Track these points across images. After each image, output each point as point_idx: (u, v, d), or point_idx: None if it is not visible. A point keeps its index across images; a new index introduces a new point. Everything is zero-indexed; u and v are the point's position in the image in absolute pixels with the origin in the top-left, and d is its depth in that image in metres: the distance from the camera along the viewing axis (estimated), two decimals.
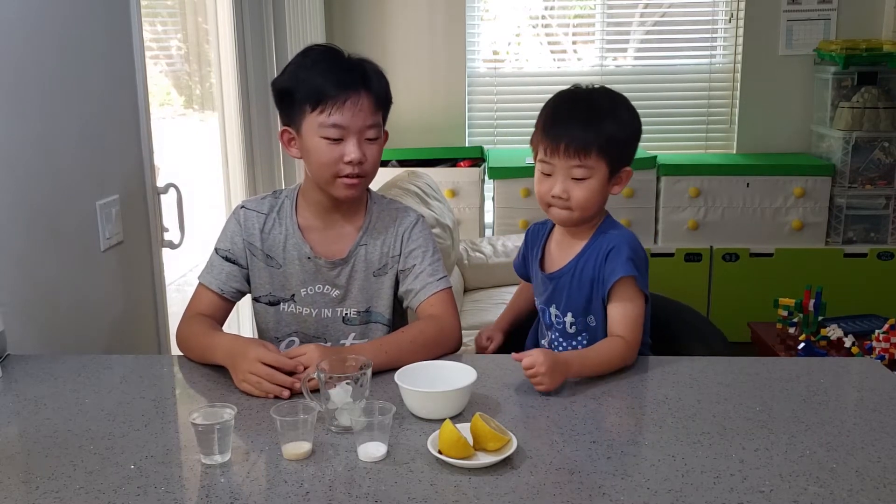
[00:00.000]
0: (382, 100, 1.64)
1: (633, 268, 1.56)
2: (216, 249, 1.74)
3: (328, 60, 1.62)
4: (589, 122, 1.54)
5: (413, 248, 1.71)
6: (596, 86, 1.63)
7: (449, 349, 1.63)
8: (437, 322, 1.64)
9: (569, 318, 1.64)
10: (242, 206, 1.75)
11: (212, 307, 1.71)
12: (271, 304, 1.74)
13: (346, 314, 1.72)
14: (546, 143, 1.57)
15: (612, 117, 1.56)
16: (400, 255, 1.72)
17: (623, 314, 1.56)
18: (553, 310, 1.68)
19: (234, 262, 1.72)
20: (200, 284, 1.73)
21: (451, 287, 1.72)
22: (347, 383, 1.30)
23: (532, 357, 1.39)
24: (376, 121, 1.63)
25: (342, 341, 1.72)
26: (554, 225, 1.71)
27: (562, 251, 1.68)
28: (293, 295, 1.72)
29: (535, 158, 1.63)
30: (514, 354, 1.44)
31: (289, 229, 1.71)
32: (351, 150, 1.59)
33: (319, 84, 1.59)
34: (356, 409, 1.23)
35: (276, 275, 1.72)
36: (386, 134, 1.71)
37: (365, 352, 1.50)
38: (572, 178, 1.56)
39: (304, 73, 1.61)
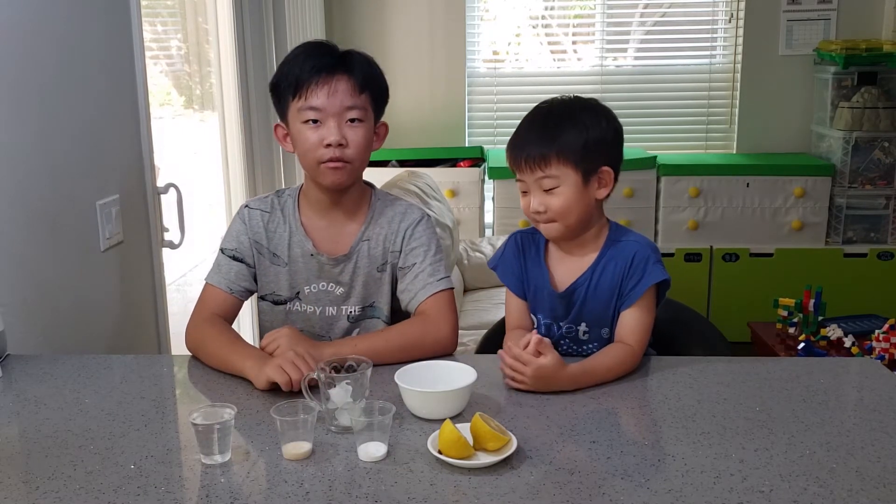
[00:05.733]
0: (367, 83, 1.64)
1: (664, 270, 1.55)
2: (222, 250, 1.72)
3: (310, 50, 1.65)
4: (543, 131, 1.54)
5: (415, 247, 1.69)
6: (572, 96, 1.61)
7: (436, 352, 1.59)
8: (422, 323, 1.62)
9: (582, 328, 1.61)
10: (247, 206, 1.75)
11: (222, 308, 1.69)
12: (276, 303, 1.73)
13: (350, 312, 1.71)
14: (511, 160, 1.58)
15: (571, 123, 1.53)
16: (400, 251, 1.70)
17: (638, 322, 1.55)
18: (563, 323, 1.63)
19: (241, 261, 1.71)
20: (208, 285, 1.71)
21: (452, 288, 1.69)
22: (347, 383, 1.30)
23: (534, 367, 1.40)
24: (357, 103, 1.62)
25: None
26: (547, 240, 1.65)
27: (568, 265, 1.62)
28: (298, 293, 1.72)
29: None
30: (526, 340, 1.43)
31: (292, 227, 1.71)
32: (330, 133, 1.60)
33: (298, 72, 1.61)
34: (356, 409, 1.23)
35: (282, 273, 1.71)
36: (385, 126, 1.71)
37: (336, 346, 1.51)
38: (543, 190, 1.54)
39: (287, 65, 1.64)
